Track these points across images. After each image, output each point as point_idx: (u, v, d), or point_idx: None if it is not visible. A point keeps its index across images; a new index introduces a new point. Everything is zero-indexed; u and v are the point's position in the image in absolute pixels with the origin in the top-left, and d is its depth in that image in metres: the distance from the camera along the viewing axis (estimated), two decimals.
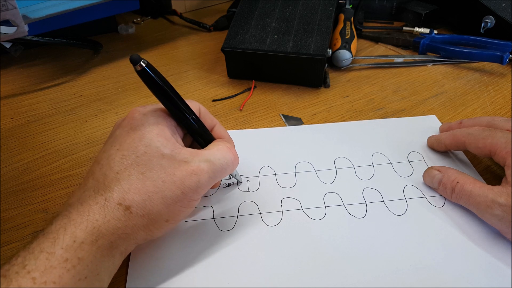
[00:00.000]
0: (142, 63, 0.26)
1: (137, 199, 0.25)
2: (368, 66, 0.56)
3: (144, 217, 0.25)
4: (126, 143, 0.27)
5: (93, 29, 0.64)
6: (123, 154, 0.26)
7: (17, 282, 0.21)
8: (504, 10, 0.57)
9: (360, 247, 0.31)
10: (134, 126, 0.28)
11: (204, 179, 0.27)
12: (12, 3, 0.42)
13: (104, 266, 0.24)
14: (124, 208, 0.25)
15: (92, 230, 0.23)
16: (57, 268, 0.22)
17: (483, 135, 0.34)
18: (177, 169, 0.26)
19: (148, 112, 0.28)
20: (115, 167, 0.26)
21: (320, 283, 0.28)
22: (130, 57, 0.26)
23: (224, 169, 0.28)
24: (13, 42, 0.47)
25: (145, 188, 0.25)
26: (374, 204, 0.34)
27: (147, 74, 0.27)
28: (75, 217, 0.24)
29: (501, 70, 0.55)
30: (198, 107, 0.31)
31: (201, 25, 0.69)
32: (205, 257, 0.30)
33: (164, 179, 0.25)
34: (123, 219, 0.25)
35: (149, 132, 0.27)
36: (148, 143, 0.26)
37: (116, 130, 0.29)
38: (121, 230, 0.25)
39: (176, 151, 0.27)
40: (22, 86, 0.53)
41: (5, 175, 0.38)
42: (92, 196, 0.25)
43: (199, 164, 0.26)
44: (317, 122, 0.45)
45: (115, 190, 0.25)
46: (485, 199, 0.30)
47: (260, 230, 0.32)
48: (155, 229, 0.26)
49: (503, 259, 0.30)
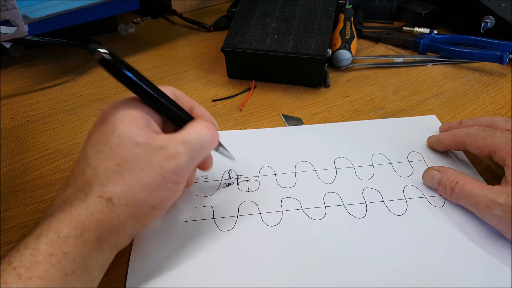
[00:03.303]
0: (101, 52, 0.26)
1: (117, 190, 0.25)
2: (368, 66, 0.56)
3: (128, 206, 0.25)
4: (99, 138, 0.27)
5: (93, 29, 0.64)
6: (98, 148, 0.26)
7: (3, 279, 0.21)
8: (504, 10, 0.57)
9: (360, 247, 0.31)
10: (105, 120, 0.27)
11: (183, 161, 0.27)
12: (12, 3, 0.42)
13: (93, 260, 0.24)
14: (106, 200, 0.25)
15: (76, 224, 0.24)
16: (42, 263, 0.22)
17: (483, 135, 0.34)
18: (153, 155, 0.26)
19: (119, 104, 0.28)
20: (91, 162, 0.26)
21: (320, 283, 0.28)
22: (88, 48, 0.26)
23: (202, 147, 0.28)
24: (13, 42, 0.47)
25: (123, 178, 0.25)
26: (374, 204, 0.34)
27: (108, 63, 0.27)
28: (59, 214, 0.24)
29: (501, 70, 0.55)
30: (172, 91, 0.31)
31: (201, 25, 0.69)
32: (205, 257, 0.30)
33: (142, 167, 0.25)
34: (106, 210, 0.25)
35: (120, 123, 0.27)
36: (120, 133, 0.26)
37: (91, 128, 0.29)
38: (106, 222, 0.25)
39: (151, 138, 0.26)
40: (22, 86, 0.53)
41: (5, 175, 0.38)
42: (73, 193, 0.25)
43: (176, 147, 0.26)
44: (317, 122, 0.45)
45: (94, 185, 0.25)
46: (484, 199, 0.30)
47: (260, 230, 0.32)
48: (143, 217, 0.26)
49: (503, 259, 0.29)
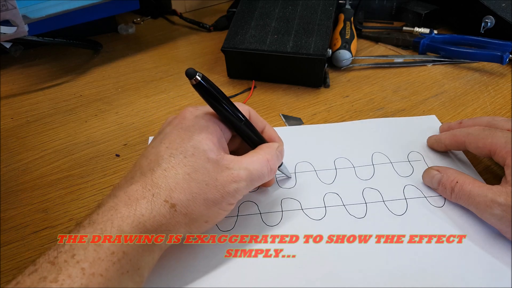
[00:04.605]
0: (198, 77, 0.27)
1: (182, 198, 0.25)
2: (368, 66, 0.56)
3: (187, 216, 0.26)
4: (175, 142, 0.27)
5: (93, 29, 0.64)
6: (172, 152, 0.27)
7: (67, 272, 0.21)
8: (504, 10, 0.57)
9: (360, 247, 0.31)
10: (184, 126, 0.28)
11: (242, 186, 0.28)
12: (12, 3, 0.42)
13: (145, 261, 0.25)
14: (170, 205, 0.25)
15: (138, 225, 0.24)
16: (104, 260, 0.22)
17: (483, 135, 0.34)
18: (219, 174, 0.27)
19: (200, 115, 0.29)
20: (163, 164, 0.26)
21: (320, 283, 0.28)
22: (186, 72, 0.27)
23: (260, 178, 0.29)
24: (13, 42, 0.47)
25: (190, 188, 0.26)
26: (374, 204, 0.34)
27: (202, 86, 0.28)
28: (122, 210, 0.24)
29: (501, 70, 0.55)
30: (248, 111, 0.32)
31: (201, 25, 0.69)
32: (205, 257, 0.30)
33: (208, 182, 0.26)
34: (168, 216, 0.25)
35: (199, 135, 0.28)
36: (196, 145, 0.27)
37: (166, 127, 0.30)
38: (164, 227, 0.25)
39: (221, 156, 0.28)
40: (22, 86, 0.53)
41: (5, 175, 0.38)
42: (140, 190, 0.25)
43: (239, 172, 0.28)
44: (317, 122, 0.45)
45: (162, 187, 0.25)
46: (484, 199, 0.30)
47: (260, 230, 0.32)
48: (194, 228, 0.27)
49: (503, 259, 0.29)
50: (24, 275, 0.21)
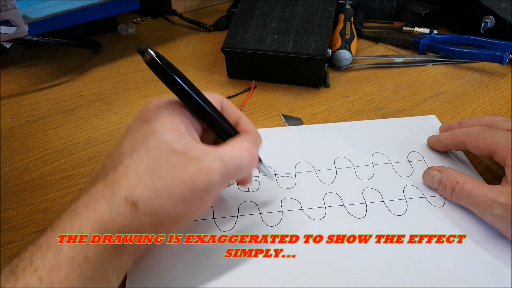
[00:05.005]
0: (151, 52, 0.25)
1: (144, 195, 0.23)
2: (368, 66, 0.56)
3: (151, 215, 0.24)
4: (137, 136, 0.26)
5: (93, 29, 0.64)
6: (134, 147, 0.25)
7: (24, 280, 0.20)
8: (504, 10, 0.57)
9: (360, 247, 0.31)
10: (147, 118, 0.26)
11: (215, 179, 0.25)
12: (12, 3, 0.42)
13: (112, 266, 0.24)
14: (131, 204, 0.23)
15: (99, 227, 0.22)
16: (64, 267, 0.21)
17: (483, 135, 0.34)
18: (187, 166, 0.24)
19: (162, 104, 0.27)
20: (124, 160, 0.25)
21: (320, 283, 0.28)
22: (138, 47, 0.25)
23: (238, 169, 0.26)
24: (13, 42, 0.47)
25: (153, 184, 0.24)
26: (374, 204, 0.34)
27: (157, 64, 0.26)
28: (82, 211, 0.23)
29: (501, 70, 0.55)
30: (219, 100, 0.30)
31: (201, 25, 0.69)
32: (204, 257, 0.30)
33: (173, 176, 0.24)
34: (129, 215, 0.23)
35: (162, 125, 0.25)
36: (159, 137, 0.25)
37: (131, 123, 0.28)
38: (127, 228, 0.23)
39: (189, 147, 0.25)
40: (22, 86, 0.53)
41: (5, 175, 0.38)
42: (100, 189, 0.24)
43: (211, 163, 0.25)
44: (317, 122, 0.45)
45: (122, 184, 0.24)
46: (485, 199, 0.30)
47: (260, 230, 0.32)
48: (163, 228, 0.25)
49: (503, 259, 0.29)
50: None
